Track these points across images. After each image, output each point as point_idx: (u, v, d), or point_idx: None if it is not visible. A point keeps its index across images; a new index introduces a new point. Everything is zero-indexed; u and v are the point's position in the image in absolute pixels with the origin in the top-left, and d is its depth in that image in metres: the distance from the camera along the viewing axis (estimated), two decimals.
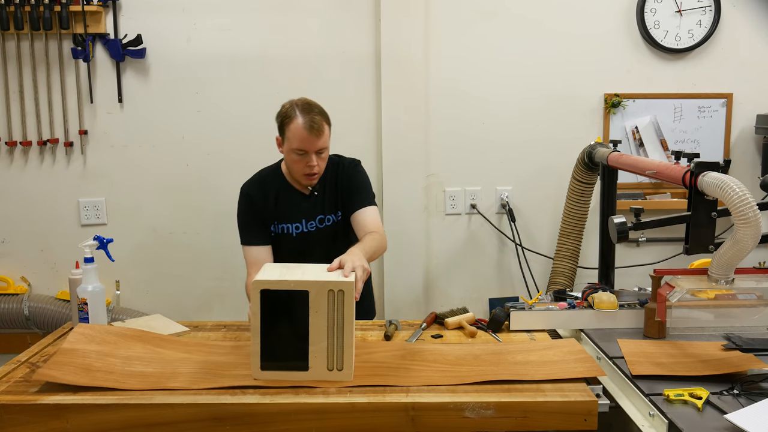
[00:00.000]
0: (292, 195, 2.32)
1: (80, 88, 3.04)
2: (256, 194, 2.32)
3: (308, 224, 2.31)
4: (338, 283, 1.71)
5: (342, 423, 1.65)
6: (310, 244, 2.32)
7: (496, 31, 3.12)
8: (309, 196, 2.31)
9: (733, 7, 3.14)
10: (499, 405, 1.65)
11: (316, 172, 2.20)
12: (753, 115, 3.20)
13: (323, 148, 2.18)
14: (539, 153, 3.20)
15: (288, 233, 2.32)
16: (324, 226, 2.33)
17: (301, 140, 2.14)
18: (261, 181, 2.35)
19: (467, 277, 3.25)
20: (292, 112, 2.17)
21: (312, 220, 2.31)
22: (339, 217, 2.34)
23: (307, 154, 2.16)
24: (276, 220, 2.31)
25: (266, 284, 1.71)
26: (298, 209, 2.31)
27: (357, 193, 2.30)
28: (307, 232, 2.32)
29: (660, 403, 1.61)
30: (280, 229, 2.32)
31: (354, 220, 2.28)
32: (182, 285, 3.20)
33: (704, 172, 1.78)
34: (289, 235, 2.32)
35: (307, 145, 2.14)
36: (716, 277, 1.80)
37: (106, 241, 2.21)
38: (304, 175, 2.21)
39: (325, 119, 2.18)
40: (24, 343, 2.39)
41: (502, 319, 2.16)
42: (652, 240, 3.19)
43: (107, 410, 1.64)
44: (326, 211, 2.32)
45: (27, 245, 3.14)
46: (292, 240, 2.32)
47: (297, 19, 3.07)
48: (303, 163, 2.18)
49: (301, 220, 2.31)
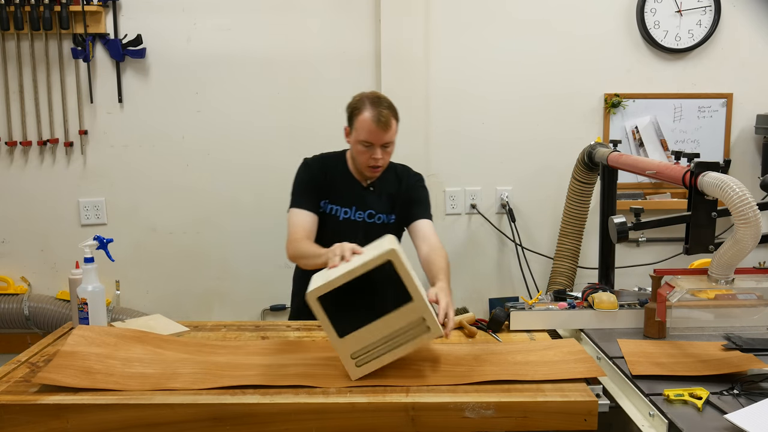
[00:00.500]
0: (349, 181, 2.33)
1: (80, 88, 3.04)
2: (317, 168, 2.34)
3: (356, 213, 2.32)
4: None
5: (342, 423, 1.65)
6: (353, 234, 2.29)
7: (496, 31, 3.12)
8: (366, 188, 2.33)
9: (733, 7, 3.14)
10: (499, 405, 1.65)
11: (380, 165, 2.23)
12: (753, 115, 3.20)
13: (389, 142, 2.21)
14: (539, 153, 3.20)
15: (335, 215, 2.32)
16: (372, 222, 2.33)
17: (368, 132, 2.17)
18: (324, 159, 2.37)
19: (467, 277, 3.25)
20: (361, 104, 2.20)
21: (361, 210, 2.32)
22: (391, 221, 2.35)
23: (373, 146, 2.19)
24: (328, 198, 2.31)
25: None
26: (351, 195, 2.32)
27: (419, 204, 2.34)
28: (353, 221, 2.32)
29: (660, 403, 1.61)
30: (329, 209, 2.32)
31: (413, 229, 2.32)
32: (182, 285, 3.20)
33: (704, 172, 1.78)
34: (335, 218, 2.32)
35: (374, 138, 2.17)
36: (716, 277, 1.80)
37: (106, 241, 2.21)
38: (368, 167, 2.24)
39: (394, 114, 2.20)
40: (24, 343, 2.39)
41: (502, 319, 2.16)
42: (652, 240, 3.19)
43: (107, 410, 1.64)
44: (378, 208, 2.33)
45: (27, 245, 3.14)
46: (337, 223, 2.31)
47: (297, 19, 3.07)
48: (368, 155, 2.20)
49: (351, 207, 2.32)
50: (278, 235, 3.13)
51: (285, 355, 1.93)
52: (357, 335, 1.73)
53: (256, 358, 1.90)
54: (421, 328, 1.74)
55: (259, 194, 3.16)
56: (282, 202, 3.09)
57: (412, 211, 2.33)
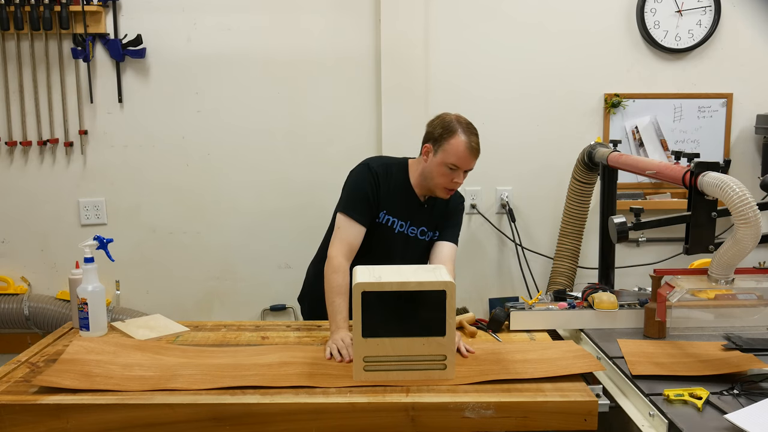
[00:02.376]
0: (408, 194, 2.31)
1: (80, 88, 3.04)
2: (381, 173, 2.28)
3: (410, 228, 2.32)
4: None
5: (342, 423, 1.65)
6: (401, 247, 2.32)
7: (495, 31, 3.12)
8: (421, 204, 2.32)
9: (733, 7, 3.14)
10: (499, 405, 1.65)
11: (456, 189, 2.25)
12: (753, 115, 3.20)
13: (471, 169, 2.22)
14: (539, 153, 3.20)
15: (391, 227, 2.31)
16: (422, 239, 2.34)
17: (458, 157, 2.15)
18: (388, 166, 2.32)
19: (467, 277, 3.25)
20: (455, 127, 2.17)
21: (415, 226, 2.32)
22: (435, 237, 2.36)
23: (458, 170, 2.18)
24: (386, 209, 2.29)
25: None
26: (408, 210, 2.31)
27: (452, 227, 2.36)
28: (406, 235, 2.32)
29: (660, 403, 1.61)
30: (386, 220, 2.30)
31: (435, 247, 2.34)
32: (182, 285, 3.20)
33: (704, 172, 1.78)
34: (391, 230, 2.31)
35: (462, 163, 2.17)
36: (716, 277, 1.80)
37: (106, 241, 2.21)
38: (444, 188, 2.22)
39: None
40: (24, 343, 2.39)
41: (502, 319, 2.16)
42: (652, 240, 3.19)
43: (107, 410, 1.64)
44: (429, 226, 2.34)
45: (27, 245, 3.14)
46: (392, 235, 2.30)
47: (297, 19, 3.07)
48: (450, 177, 2.19)
49: (407, 221, 2.32)
50: (278, 235, 3.15)
51: (285, 355, 1.93)
52: (379, 342, 1.74)
53: (256, 359, 1.90)
54: (439, 364, 1.76)
55: (259, 194, 3.16)
56: (282, 202, 3.13)
57: (444, 230, 2.35)
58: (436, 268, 1.89)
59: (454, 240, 2.35)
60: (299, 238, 3.10)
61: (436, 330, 1.74)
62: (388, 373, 1.75)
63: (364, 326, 1.73)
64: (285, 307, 3.22)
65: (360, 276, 1.77)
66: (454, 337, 1.76)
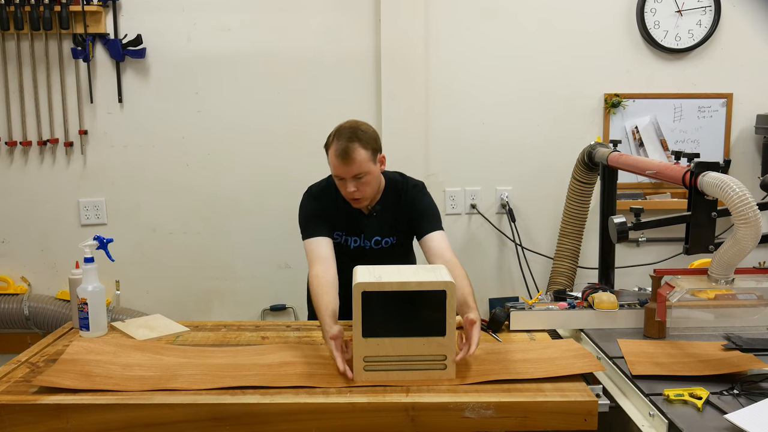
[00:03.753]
0: (352, 210, 2.27)
1: (80, 88, 3.04)
2: (322, 197, 2.27)
3: (364, 241, 2.30)
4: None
5: (342, 423, 1.65)
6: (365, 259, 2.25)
7: (496, 31, 3.12)
8: (368, 215, 2.29)
9: (733, 7, 3.14)
10: (499, 405, 1.65)
11: (358, 197, 2.16)
12: (753, 115, 3.20)
13: (361, 173, 2.12)
14: (539, 153, 3.20)
15: (346, 245, 2.30)
16: (379, 248, 2.31)
17: (335, 167, 2.11)
18: (327, 187, 2.28)
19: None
20: (333, 136, 2.13)
21: (368, 239, 2.30)
22: (395, 241, 2.32)
23: (344, 179, 2.12)
24: (338, 227, 2.28)
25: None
26: (357, 224, 2.29)
27: (425, 217, 2.25)
28: (363, 248, 2.31)
29: (660, 403, 1.61)
30: (343, 239, 2.30)
31: (425, 245, 2.23)
32: (182, 285, 3.20)
33: (704, 172, 1.78)
34: (347, 247, 2.31)
35: (340, 171, 2.11)
36: (716, 277, 1.80)
37: (106, 241, 2.21)
38: (349, 199, 2.18)
39: (362, 143, 2.10)
40: (24, 343, 2.39)
41: (502, 319, 2.16)
42: (652, 240, 3.19)
43: (107, 410, 1.64)
44: (383, 233, 2.30)
45: (27, 245, 3.14)
46: (349, 251, 2.30)
47: (297, 19, 3.07)
48: (343, 187, 2.14)
49: (359, 235, 2.30)
50: (278, 234, 3.15)
51: (285, 355, 1.93)
52: (379, 342, 1.74)
53: (256, 359, 1.90)
54: (439, 364, 1.76)
55: (259, 194, 3.16)
56: (282, 202, 3.12)
57: (420, 225, 2.24)
58: (436, 268, 1.89)
59: (437, 227, 2.23)
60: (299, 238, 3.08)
61: (437, 330, 1.74)
62: (388, 373, 1.75)
63: (364, 326, 1.73)
64: (285, 307, 3.22)
65: (360, 276, 1.76)
66: (454, 337, 1.76)
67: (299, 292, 2.59)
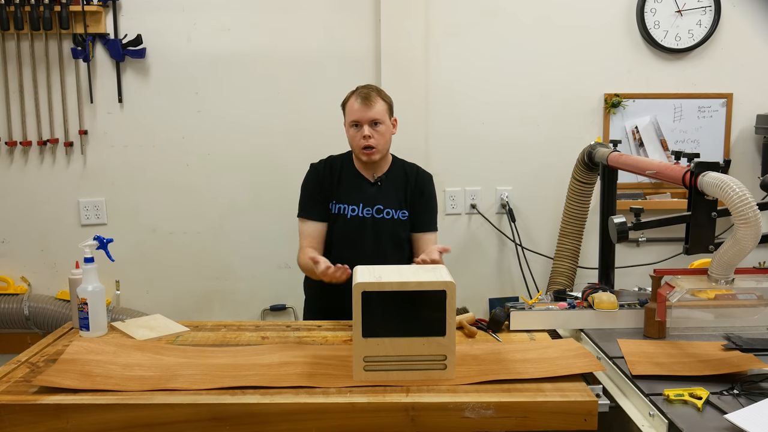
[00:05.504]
0: (356, 178, 2.37)
1: (80, 88, 3.04)
2: (323, 170, 2.39)
3: (364, 210, 2.34)
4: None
5: (342, 423, 1.65)
6: (363, 232, 2.34)
7: (496, 31, 3.12)
8: (373, 184, 2.36)
9: (733, 7, 3.14)
10: (499, 405, 1.65)
11: (372, 144, 2.26)
12: (753, 115, 3.20)
13: (377, 120, 2.26)
14: (539, 153, 3.20)
15: (343, 214, 2.35)
16: (381, 218, 2.34)
17: (353, 111, 2.25)
18: (330, 160, 2.43)
19: (467, 277, 3.25)
20: (350, 93, 2.32)
21: (369, 207, 2.34)
22: (404, 217, 2.37)
23: (360, 125, 2.25)
24: (336, 199, 2.35)
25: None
26: (358, 193, 2.35)
27: (428, 212, 2.39)
28: (362, 217, 2.34)
29: (660, 403, 1.61)
30: (338, 209, 2.35)
31: (417, 240, 2.37)
32: (182, 285, 3.20)
33: (704, 172, 1.78)
34: (344, 217, 2.34)
35: (359, 115, 2.25)
36: (716, 277, 1.80)
37: (106, 241, 2.21)
38: (361, 149, 2.28)
39: (379, 93, 2.29)
40: (24, 343, 2.39)
41: (502, 319, 2.16)
42: (652, 240, 3.19)
43: (107, 410, 1.64)
44: (386, 203, 2.35)
45: (27, 245, 3.14)
46: (345, 222, 2.34)
47: (297, 19, 3.07)
48: (359, 135, 2.26)
49: (358, 204, 2.34)
50: (278, 234, 3.15)
51: (285, 355, 1.93)
52: (379, 342, 1.74)
53: (256, 359, 1.90)
54: (439, 364, 1.76)
55: (259, 194, 3.16)
56: (282, 202, 3.12)
57: (421, 220, 2.37)
58: (436, 268, 1.89)
59: (435, 227, 2.39)
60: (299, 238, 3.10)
61: (437, 330, 1.74)
62: (388, 373, 1.75)
63: (364, 326, 1.73)
64: (285, 307, 3.22)
65: (360, 276, 1.77)
66: (454, 337, 1.76)
67: (299, 292, 2.58)
